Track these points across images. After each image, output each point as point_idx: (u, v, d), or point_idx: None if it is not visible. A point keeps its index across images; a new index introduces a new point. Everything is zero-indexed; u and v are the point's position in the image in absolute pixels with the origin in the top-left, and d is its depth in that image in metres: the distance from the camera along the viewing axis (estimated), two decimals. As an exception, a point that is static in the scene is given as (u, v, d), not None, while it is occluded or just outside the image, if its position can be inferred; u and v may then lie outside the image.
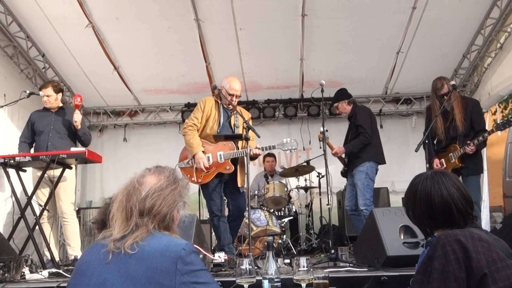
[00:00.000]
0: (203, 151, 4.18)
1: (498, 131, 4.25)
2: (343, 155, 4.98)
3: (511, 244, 1.63)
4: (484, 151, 5.82)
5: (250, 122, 4.31)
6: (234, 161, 4.24)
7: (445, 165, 4.44)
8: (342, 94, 5.03)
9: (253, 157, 4.22)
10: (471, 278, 1.43)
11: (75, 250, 4.55)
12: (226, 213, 4.41)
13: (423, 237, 1.81)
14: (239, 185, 4.24)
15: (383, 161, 4.91)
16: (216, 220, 4.20)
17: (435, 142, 4.59)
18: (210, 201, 4.22)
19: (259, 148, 4.18)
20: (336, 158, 5.11)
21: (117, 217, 1.60)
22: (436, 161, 4.46)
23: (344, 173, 5.14)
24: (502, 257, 1.46)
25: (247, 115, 4.42)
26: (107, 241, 1.55)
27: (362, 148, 4.77)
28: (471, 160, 4.33)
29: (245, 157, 3.93)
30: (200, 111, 4.26)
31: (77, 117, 4.51)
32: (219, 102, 4.30)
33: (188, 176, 4.21)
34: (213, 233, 6.04)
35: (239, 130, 4.26)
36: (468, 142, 4.24)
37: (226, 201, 4.44)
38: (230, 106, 4.23)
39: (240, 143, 4.19)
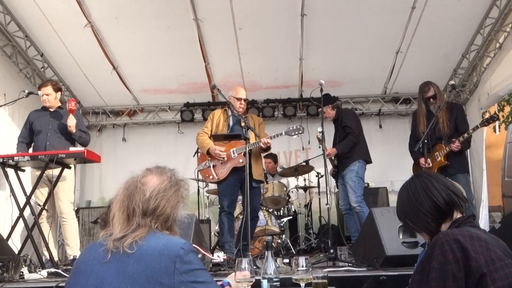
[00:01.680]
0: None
1: (482, 127, 4.44)
2: (333, 157, 5.07)
3: (510, 243, 1.63)
4: (483, 151, 5.86)
5: (263, 127, 4.64)
6: (249, 157, 4.29)
7: (431, 164, 4.53)
8: (326, 99, 5.03)
9: (266, 148, 4.40)
10: (469, 277, 1.42)
11: (74, 250, 4.55)
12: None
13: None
14: (254, 177, 4.34)
15: (370, 160, 5.10)
16: (224, 216, 4.34)
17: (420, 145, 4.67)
18: (223, 197, 4.37)
19: (268, 137, 4.34)
20: (335, 158, 5.14)
21: (118, 216, 1.60)
22: (422, 160, 4.49)
23: (334, 175, 5.23)
24: (501, 257, 1.46)
25: (258, 120, 4.68)
26: (106, 241, 1.55)
27: (350, 148, 4.92)
28: (457, 158, 4.51)
29: (256, 149, 4.32)
30: (209, 121, 4.63)
31: (71, 121, 4.51)
32: (227, 110, 4.61)
33: (207, 175, 4.46)
34: (212, 233, 6.07)
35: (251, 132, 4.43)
36: (454, 139, 4.42)
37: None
38: (240, 110, 4.46)
39: (251, 139, 4.30)
